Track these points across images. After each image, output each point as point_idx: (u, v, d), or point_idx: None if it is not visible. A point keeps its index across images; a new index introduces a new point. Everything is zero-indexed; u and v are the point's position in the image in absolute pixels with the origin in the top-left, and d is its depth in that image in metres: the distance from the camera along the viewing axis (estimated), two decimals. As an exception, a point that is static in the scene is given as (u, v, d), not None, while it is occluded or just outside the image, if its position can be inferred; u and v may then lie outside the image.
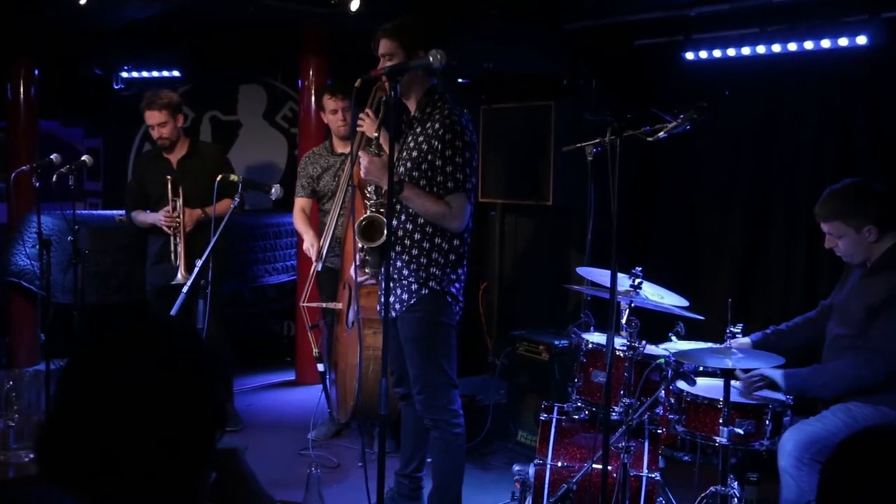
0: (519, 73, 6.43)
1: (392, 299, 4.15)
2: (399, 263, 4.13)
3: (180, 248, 5.67)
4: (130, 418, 1.43)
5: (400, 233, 4.14)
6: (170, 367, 1.50)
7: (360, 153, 4.21)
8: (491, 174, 6.90)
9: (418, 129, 4.10)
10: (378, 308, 4.40)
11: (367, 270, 4.75)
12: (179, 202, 5.72)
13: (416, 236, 4.08)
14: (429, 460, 4.50)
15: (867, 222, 3.94)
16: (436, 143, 3.98)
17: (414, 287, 4.09)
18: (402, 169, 4.13)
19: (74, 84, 8.35)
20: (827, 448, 3.65)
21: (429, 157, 3.96)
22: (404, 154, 4.16)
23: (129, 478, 1.43)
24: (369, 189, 4.58)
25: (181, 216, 5.69)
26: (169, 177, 5.77)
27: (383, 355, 3.45)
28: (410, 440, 4.54)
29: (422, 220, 4.07)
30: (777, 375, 3.90)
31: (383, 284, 4.19)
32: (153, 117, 5.76)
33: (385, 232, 4.21)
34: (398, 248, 4.14)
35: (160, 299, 5.76)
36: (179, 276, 5.55)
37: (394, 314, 4.16)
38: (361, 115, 4.97)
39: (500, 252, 7.16)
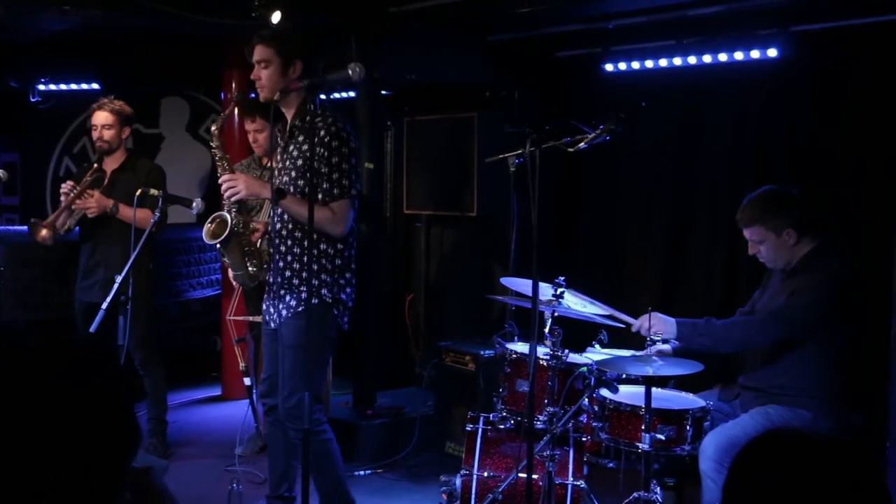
0: (442, 84, 6.46)
1: (280, 305, 4.16)
2: (288, 273, 4.14)
3: (62, 202, 5.52)
4: (40, 438, 1.40)
5: (289, 241, 4.16)
6: (82, 385, 1.47)
7: (228, 175, 4.23)
8: (415, 185, 6.92)
9: (301, 138, 4.11)
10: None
11: (237, 280, 4.73)
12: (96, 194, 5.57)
13: (305, 243, 4.08)
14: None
15: (786, 226, 4.06)
16: (322, 150, 4.00)
17: (304, 296, 4.08)
18: (286, 178, 4.15)
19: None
20: (738, 450, 3.72)
21: (313, 164, 3.93)
22: (287, 163, 4.18)
23: (41, 498, 1.40)
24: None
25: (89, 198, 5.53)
26: (95, 165, 5.64)
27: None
28: (280, 461, 4.46)
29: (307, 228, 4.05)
30: (671, 322, 4.10)
31: (268, 295, 4.23)
32: (99, 118, 5.62)
33: (228, 226, 4.33)
34: (288, 258, 4.15)
35: (87, 317, 5.61)
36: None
37: (279, 320, 4.16)
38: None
39: (426, 263, 7.18)
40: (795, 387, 4.01)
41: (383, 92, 6.54)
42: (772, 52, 5.09)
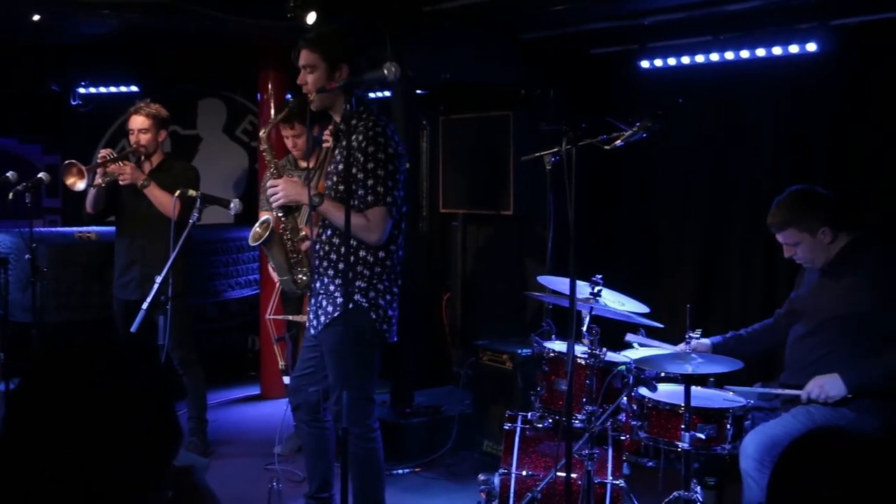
0: (477, 83, 6.45)
1: (318, 311, 4.16)
2: (326, 279, 4.15)
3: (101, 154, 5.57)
4: (84, 437, 1.42)
5: (327, 247, 4.16)
6: (124, 385, 1.49)
7: (272, 181, 4.24)
8: (451, 185, 6.92)
9: (343, 143, 4.10)
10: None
11: (283, 286, 4.75)
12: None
13: (343, 250, 4.06)
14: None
15: (820, 225, 4.02)
16: (358, 156, 3.98)
17: (339, 301, 4.08)
18: (328, 182, 4.15)
19: (32, 101, 8.27)
20: (782, 450, 3.68)
21: (352, 169, 3.94)
22: (331, 167, 4.19)
23: (84, 497, 1.42)
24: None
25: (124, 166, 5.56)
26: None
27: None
28: (312, 462, 4.50)
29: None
30: (836, 378, 3.88)
31: (312, 299, 4.23)
32: (136, 122, 5.66)
33: (269, 227, 4.40)
34: (325, 263, 4.15)
35: (125, 316, 5.67)
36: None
37: (319, 327, 4.16)
38: (327, 132, 4.99)
39: (463, 262, 7.18)
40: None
41: (418, 91, 6.54)
42: (811, 47, 5.03)
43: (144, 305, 4.46)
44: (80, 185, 5.41)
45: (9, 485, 1.44)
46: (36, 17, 5.64)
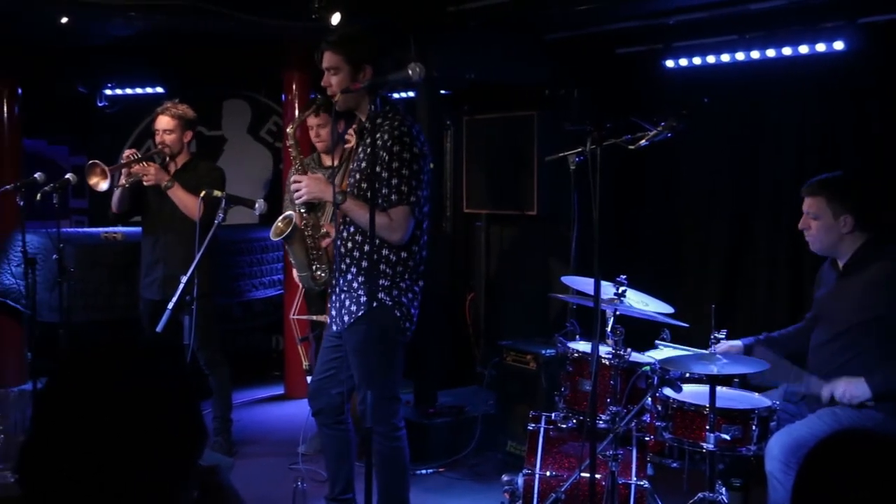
0: (501, 83, 6.45)
1: (342, 310, 4.17)
2: (349, 276, 4.14)
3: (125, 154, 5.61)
4: (110, 436, 1.43)
5: (349, 244, 4.15)
6: (150, 384, 1.50)
7: (296, 176, 4.25)
8: (475, 184, 6.92)
9: (367, 140, 4.09)
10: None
11: (302, 282, 4.77)
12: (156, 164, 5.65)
13: (366, 248, 4.07)
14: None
15: (845, 211, 4.00)
16: (383, 154, 3.98)
17: (363, 299, 4.08)
18: (351, 180, 4.15)
19: (60, 102, 8.34)
20: (809, 451, 3.66)
21: (375, 167, 3.93)
22: (354, 165, 4.19)
23: (109, 496, 1.43)
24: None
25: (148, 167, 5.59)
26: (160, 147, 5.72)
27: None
28: (334, 465, 4.49)
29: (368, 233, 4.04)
30: (860, 381, 3.84)
31: (332, 297, 4.23)
32: (162, 122, 5.69)
33: (291, 222, 4.46)
34: (347, 260, 4.15)
35: (151, 315, 5.68)
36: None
37: (343, 325, 4.17)
38: (350, 131, 5.01)
39: (486, 262, 7.18)
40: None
41: (442, 91, 6.54)
42: (838, 45, 5.00)
43: (170, 306, 4.47)
44: (104, 185, 5.45)
45: (36, 483, 1.45)
46: (64, 20, 5.68)
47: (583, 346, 4.47)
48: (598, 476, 3.87)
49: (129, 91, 8.16)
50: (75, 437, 1.43)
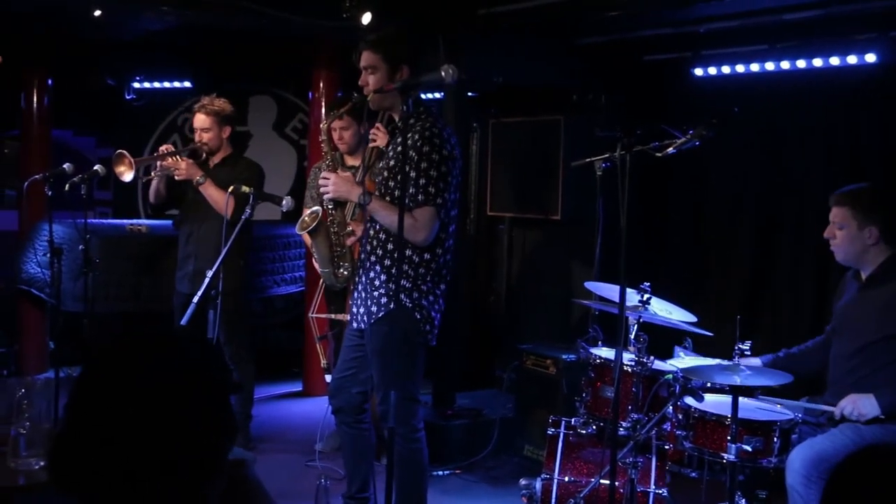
0: (528, 87, 6.45)
1: (363, 310, 4.17)
2: (372, 274, 4.14)
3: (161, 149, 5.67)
4: (142, 428, 1.44)
5: (374, 242, 4.15)
6: (182, 377, 1.51)
7: (325, 173, 4.25)
8: (499, 188, 6.92)
9: (399, 140, 4.10)
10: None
11: (324, 278, 4.79)
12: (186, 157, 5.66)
13: (389, 247, 4.08)
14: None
15: (871, 223, 3.97)
16: (413, 154, 3.97)
17: (383, 300, 4.08)
18: (378, 179, 4.16)
19: (87, 94, 8.40)
20: (835, 466, 3.64)
21: (405, 168, 3.93)
22: (381, 164, 4.20)
23: (139, 487, 1.44)
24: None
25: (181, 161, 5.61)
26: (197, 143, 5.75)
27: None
28: (352, 463, 4.50)
29: (393, 233, 4.05)
30: (870, 398, 3.83)
31: (354, 295, 4.24)
32: (198, 121, 5.71)
33: (318, 217, 4.48)
34: (371, 259, 4.15)
35: (183, 309, 5.67)
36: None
37: (363, 325, 4.17)
38: (373, 130, 5.01)
39: (508, 265, 7.18)
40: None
41: (469, 94, 6.55)
42: (870, 58, 4.97)
43: (195, 299, 4.50)
44: (129, 175, 5.47)
45: (66, 472, 1.46)
46: (97, 13, 5.72)
47: (605, 353, 4.46)
48: (616, 483, 3.85)
49: (156, 85, 8.20)
50: (106, 427, 1.44)
